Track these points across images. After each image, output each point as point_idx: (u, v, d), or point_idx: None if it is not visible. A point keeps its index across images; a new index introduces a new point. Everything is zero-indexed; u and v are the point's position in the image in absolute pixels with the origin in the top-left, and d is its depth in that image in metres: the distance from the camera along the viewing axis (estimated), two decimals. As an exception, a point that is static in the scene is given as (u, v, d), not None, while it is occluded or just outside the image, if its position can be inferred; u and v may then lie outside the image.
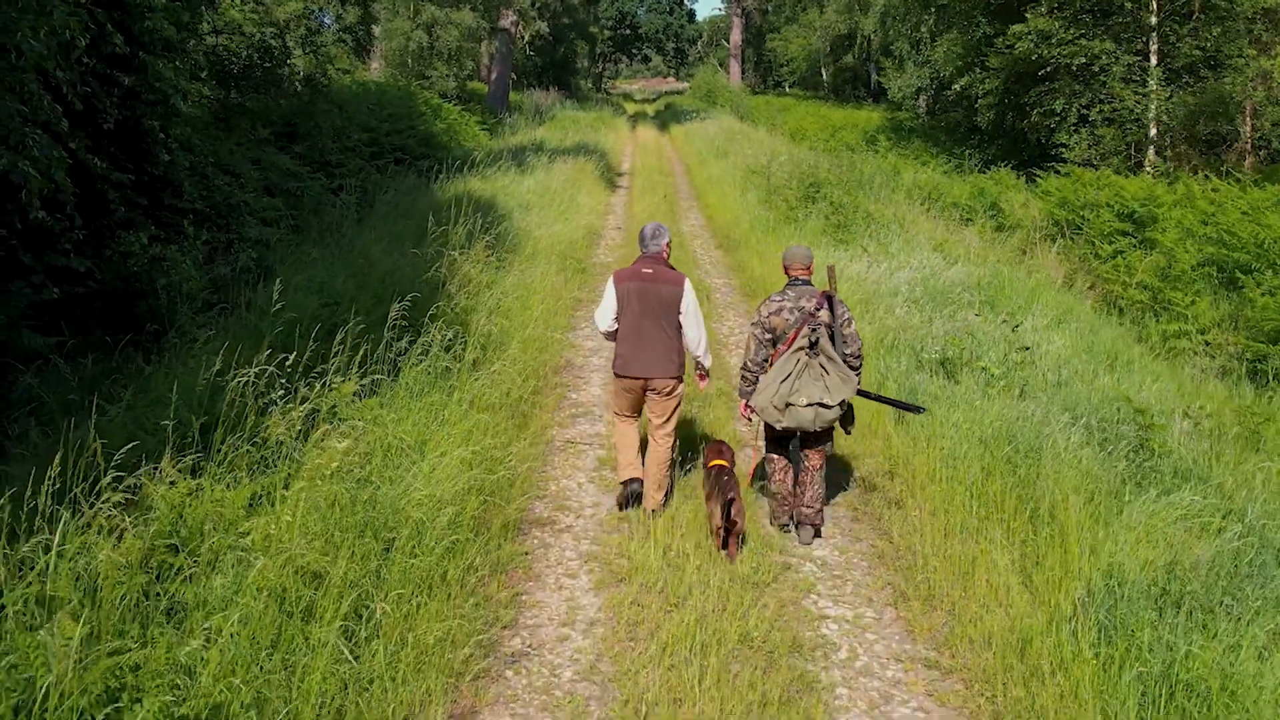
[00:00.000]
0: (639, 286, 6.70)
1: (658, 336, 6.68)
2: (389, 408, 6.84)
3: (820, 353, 6.39)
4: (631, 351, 6.74)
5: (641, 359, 6.71)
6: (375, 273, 10.14)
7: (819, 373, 6.39)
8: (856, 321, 10.47)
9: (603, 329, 6.98)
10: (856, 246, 14.34)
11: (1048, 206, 16.80)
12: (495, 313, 9.89)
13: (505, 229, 14.67)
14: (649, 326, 6.68)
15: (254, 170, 16.07)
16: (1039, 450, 7.01)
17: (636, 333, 6.72)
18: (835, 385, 6.39)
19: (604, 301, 6.91)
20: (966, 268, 12.78)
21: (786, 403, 6.37)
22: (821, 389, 6.36)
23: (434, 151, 25.29)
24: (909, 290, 11.60)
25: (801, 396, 6.36)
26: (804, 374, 6.37)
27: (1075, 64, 18.43)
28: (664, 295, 6.67)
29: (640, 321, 6.70)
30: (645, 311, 6.68)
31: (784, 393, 6.36)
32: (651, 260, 6.79)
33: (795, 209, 16.86)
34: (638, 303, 6.69)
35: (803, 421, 6.41)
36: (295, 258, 11.69)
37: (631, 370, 6.75)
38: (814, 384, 6.36)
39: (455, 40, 35.34)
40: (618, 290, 6.79)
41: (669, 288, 6.68)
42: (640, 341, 6.71)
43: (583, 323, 12.12)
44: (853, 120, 35.22)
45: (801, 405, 6.36)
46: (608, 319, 6.89)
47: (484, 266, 11.27)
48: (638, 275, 6.73)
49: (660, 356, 6.69)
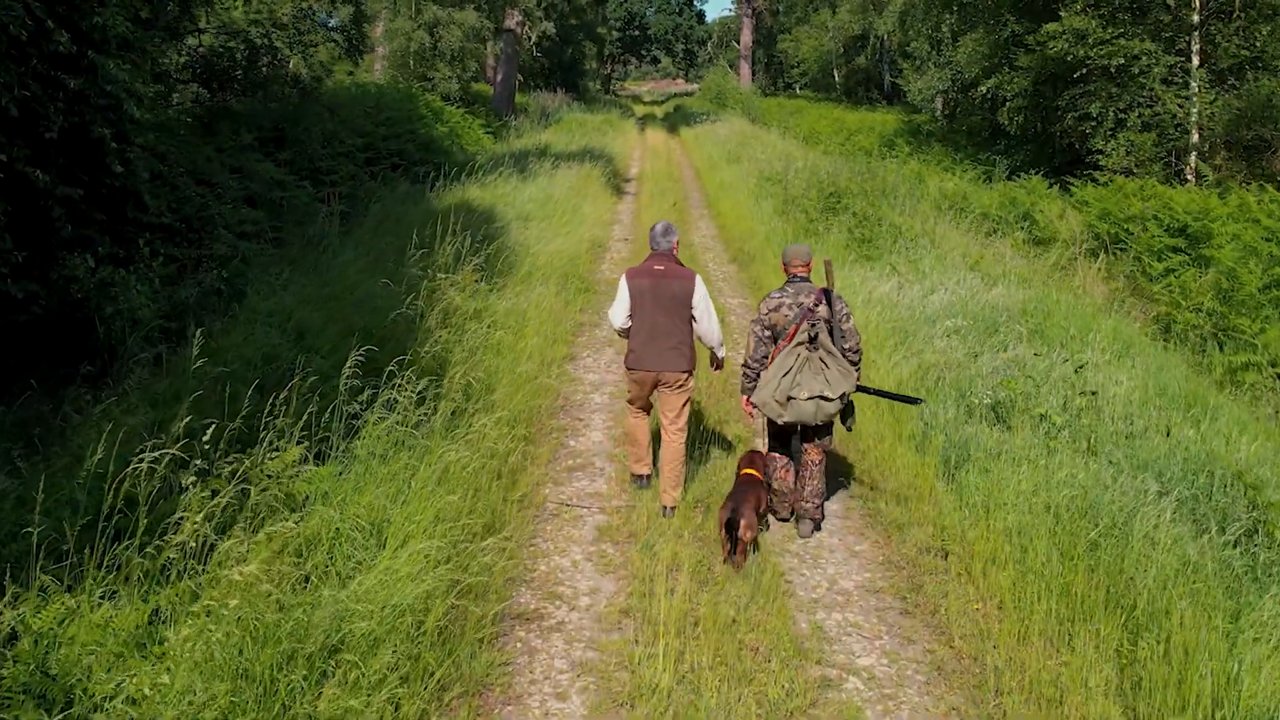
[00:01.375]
0: (651, 283, 6.85)
1: (670, 332, 6.85)
2: (343, 479, 5.67)
3: (820, 347, 6.51)
4: (644, 346, 6.90)
5: (653, 354, 6.88)
6: (347, 300, 8.98)
7: (819, 366, 6.50)
8: (892, 354, 9.34)
9: (617, 326, 7.10)
10: (884, 263, 13.16)
11: (1087, 218, 15.59)
12: (483, 348, 8.75)
13: (502, 244, 13.51)
14: (662, 322, 6.84)
15: (233, 179, 14.95)
16: (1126, 529, 5.82)
17: (649, 328, 6.86)
18: (835, 379, 6.50)
19: (618, 299, 7.03)
20: (1008, 289, 11.58)
21: (788, 396, 6.48)
22: (822, 382, 6.47)
23: (434, 156, 24.18)
24: (947, 316, 10.43)
25: (803, 390, 6.46)
26: (805, 368, 6.49)
27: (1113, 65, 17.21)
28: (675, 291, 6.82)
29: (653, 317, 6.84)
30: (658, 307, 6.83)
31: (785, 387, 6.48)
32: (663, 258, 6.95)
33: (815, 220, 15.67)
34: (650, 299, 6.83)
35: (804, 415, 6.51)
36: (267, 279, 10.54)
37: (644, 365, 6.93)
38: (814, 378, 6.48)
39: (458, 41, 34.24)
40: (630, 287, 6.92)
41: (680, 283, 6.84)
42: (653, 337, 6.86)
43: (585, 351, 10.96)
44: (868, 123, 34.00)
45: (803, 399, 6.47)
46: (621, 316, 7.01)
47: (473, 292, 10.10)
48: (650, 272, 6.89)
49: (672, 351, 6.86)
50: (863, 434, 8.15)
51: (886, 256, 13.45)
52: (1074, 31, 17.41)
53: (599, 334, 11.67)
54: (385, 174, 21.22)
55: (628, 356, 7.04)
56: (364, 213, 16.39)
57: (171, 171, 12.77)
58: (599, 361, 10.60)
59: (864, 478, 7.61)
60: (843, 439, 8.33)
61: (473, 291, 10.05)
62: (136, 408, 6.49)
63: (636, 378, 7.02)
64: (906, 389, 8.61)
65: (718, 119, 45.79)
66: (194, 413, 5.14)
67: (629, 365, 7.05)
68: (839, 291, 7.06)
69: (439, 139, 26.34)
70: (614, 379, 10.01)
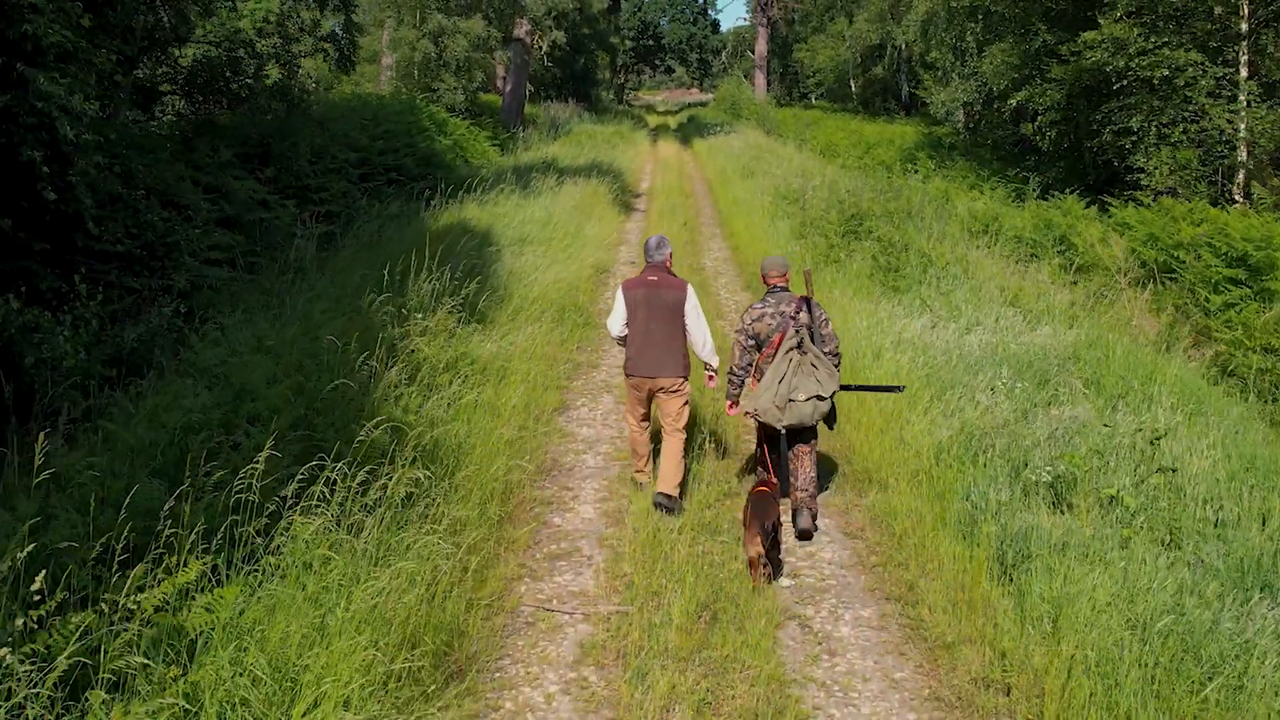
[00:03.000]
0: (645, 293, 7.26)
1: (663, 339, 7.22)
2: (251, 605, 4.50)
3: (808, 350, 6.86)
4: (639, 353, 7.28)
5: (648, 360, 7.25)
6: (303, 349, 7.81)
7: (810, 368, 6.83)
8: (929, 408, 8.18)
9: (614, 334, 7.50)
10: (912, 296, 11.95)
11: (1131, 243, 14.35)
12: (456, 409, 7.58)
13: (494, 272, 12.37)
14: (656, 330, 7.22)
15: (208, 200, 13.84)
16: (1242, 667, 4.62)
17: (644, 336, 7.24)
18: (825, 379, 6.87)
19: (614, 309, 7.43)
20: (1054, 328, 10.37)
21: (788, 399, 6.79)
22: (815, 383, 6.82)
23: (435, 171, 23.09)
24: (989, 362, 9.22)
25: (800, 392, 6.80)
26: (798, 371, 6.81)
27: (1156, 76, 15.97)
28: (668, 300, 7.22)
29: (647, 325, 7.23)
30: (652, 316, 7.22)
31: (784, 391, 6.78)
32: (656, 269, 7.36)
33: (835, 246, 14.48)
34: (645, 308, 7.23)
35: (803, 416, 6.84)
36: (221, 318, 9.41)
37: (639, 370, 7.30)
38: (808, 379, 6.82)
39: (464, 51, 33.15)
40: (626, 298, 7.32)
41: (673, 293, 7.25)
42: (647, 344, 7.23)
43: (580, 399, 9.79)
44: (887, 136, 32.78)
45: (801, 400, 6.79)
46: (618, 325, 7.42)
47: (450, 335, 8.91)
48: (644, 283, 7.31)
49: (666, 357, 7.23)
50: (898, 512, 6.96)
51: (915, 288, 12.24)
52: (1114, 41, 16.18)
53: (598, 376, 10.51)
54: (382, 190, 20.11)
55: (625, 363, 7.39)
56: (356, 233, 15.26)
57: (133, 194, 11.65)
58: (595, 412, 9.43)
59: (901, 572, 6.41)
60: (876, 518, 7.16)
61: (450, 335, 8.86)
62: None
63: (634, 384, 7.37)
64: (948, 456, 7.43)
65: (732, 130, 44.68)
66: (76, 510, 3.98)
67: (626, 371, 7.40)
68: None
69: (441, 152, 25.27)
70: (611, 433, 8.84)
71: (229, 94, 17.06)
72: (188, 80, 16.61)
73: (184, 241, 12.03)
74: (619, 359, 11.04)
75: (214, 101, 17.33)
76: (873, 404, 8.74)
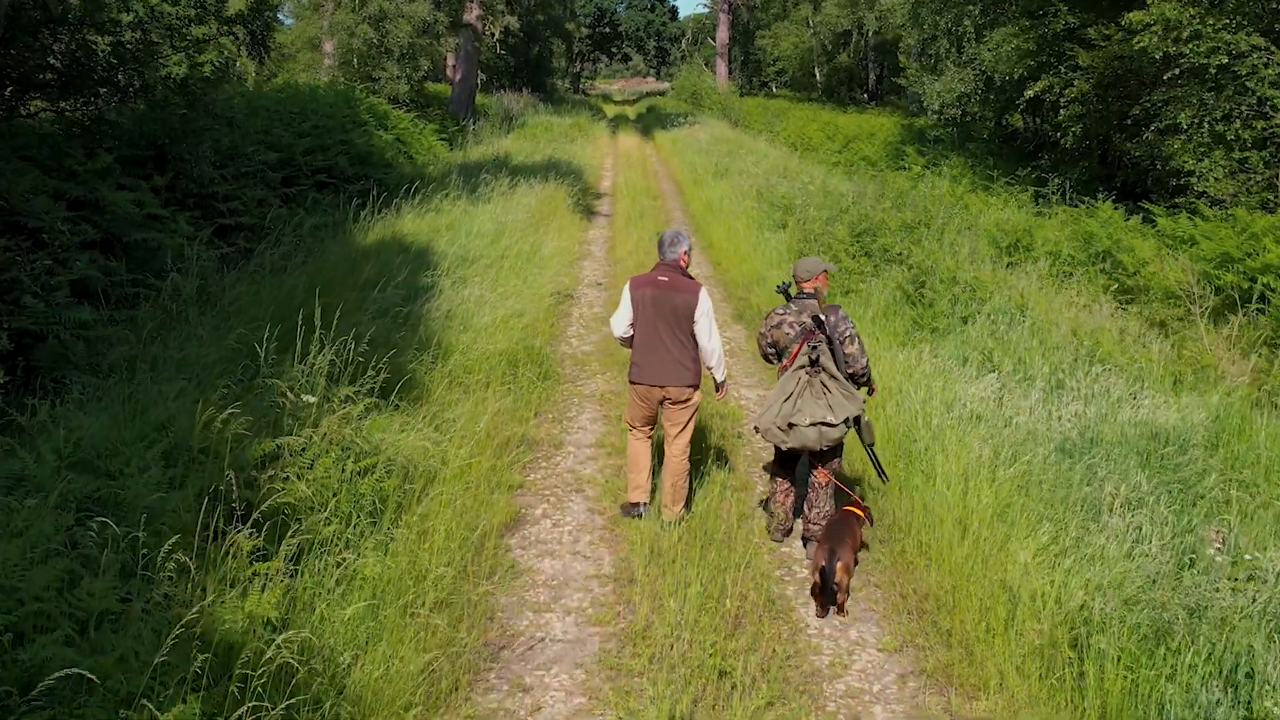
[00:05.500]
0: (654, 294, 6.61)
1: (672, 345, 6.59)
2: None
3: (821, 370, 6.21)
4: (645, 359, 6.67)
5: (655, 367, 6.62)
6: (130, 462, 5.14)
7: (820, 390, 6.21)
8: (1027, 537, 5.71)
9: (617, 334, 6.85)
10: (957, 339, 9.50)
11: (1197, 264, 11.96)
12: (343, 591, 4.95)
13: (428, 314, 9.74)
14: (664, 334, 6.59)
15: (72, 218, 11.06)
16: None
17: (651, 341, 6.62)
18: (838, 403, 6.17)
19: (620, 307, 6.77)
20: (1162, 391, 7.94)
21: (789, 422, 6.21)
22: (824, 408, 6.17)
23: (373, 171, 20.32)
24: (1096, 453, 6.78)
25: (804, 416, 6.18)
26: (805, 392, 6.22)
27: (1213, 64, 13.61)
28: (678, 304, 6.57)
29: (654, 329, 6.60)
30: (660, 319, 6.58)
31: (786, 412, 6.22)
32: (668, 268, 6.69)
33: (852, 273, 11.97)
34: (652, 310, 6.60)
35: (807, 441, 6.22)
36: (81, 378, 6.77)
37: (646, 378, 6.67)
38: (815, 402, 6.19)
39: (408, 36, 30.35)
40: (633, 297, 6.67)
41: (684, 296, 6.58)
42: (655, 349, 6.61)
43: (539, 504, 7.20)
44: (866, 128, 30.35)
45: (804, 425, 6.18)
46: (622, 325, 6.77)
47: (355, 431, 6.23)
48: (654, 282, 6.64)
49: (674, 365, 6.60)
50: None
51: (959, 329, 9.79)
52: (1164, 23, 13.79)
53: (563, 462, 7.95)
54: (311, 196, 17.32)
55: (630, 369, 6.79)
56: (257, 256, 12.55)
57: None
58: (561, 528, 6.84)
59: None
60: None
61: (356, 429, 6.20)
62: None
63: (639, 392, 6.75)
64: (1095, 630, 4.95)
65: (695, 121, 42.29)
66: None
67: (631, 379, 6.78)
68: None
69: (380, 149, 22.49)
70: (586, 568, 6.28)
71: (115, 86, 14.21)
72: (65, 71, 13.76)
73: (25, 277, 9.32)
74: (588, 435, 8.52)
75: (99, 97, 14.47)
76: (945, 514, 6.28)
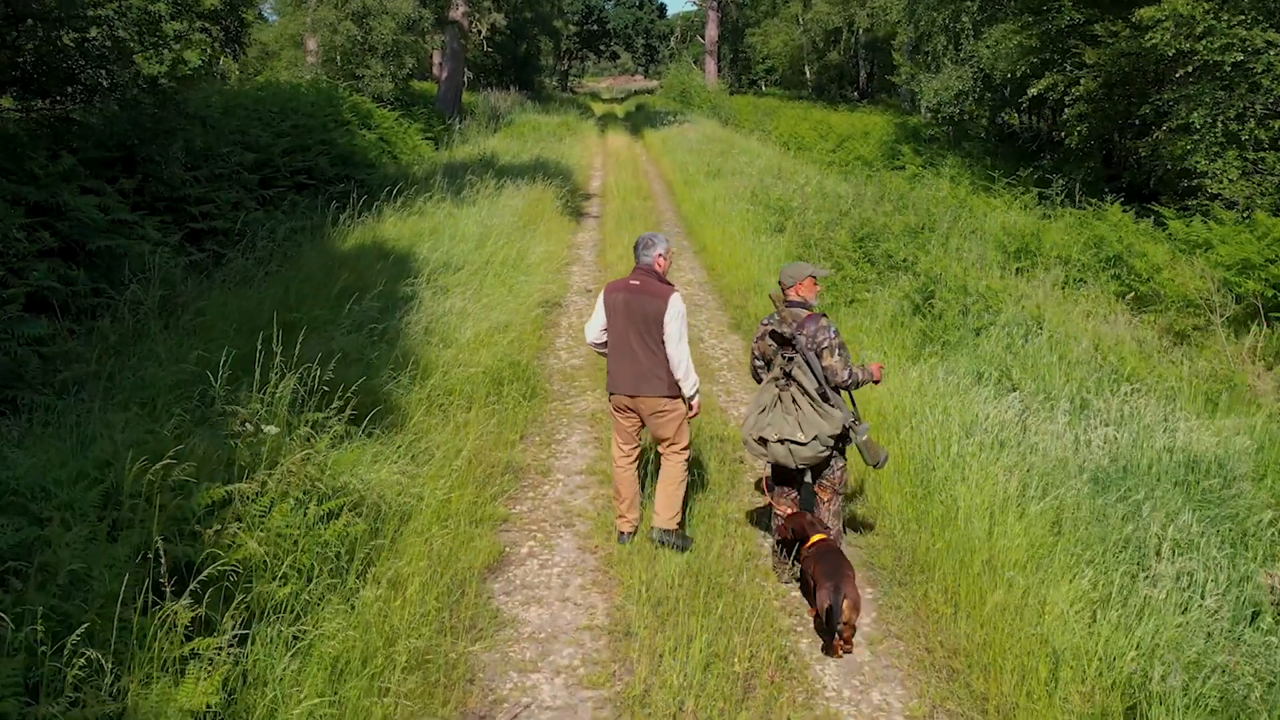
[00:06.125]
0: (625, 299, 6.23)
1: (642, 353, 6.18)
2: None
3: (793, 382, 5.81)
4: (617, 366, 6.31)
5: (625, 375, 6.25)
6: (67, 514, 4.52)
7: (790, 406, 5.82)
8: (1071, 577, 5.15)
9: (589, 340, 6.50)
10: (968, 353, 8.93)
11: (1215, 270, 11.41)
12: (299, 666, 4.33)
13: (407, 329, 9.13)
14: (634, 342, 6.20)
15: (29, 224, 10.41)
16: None
17: (621, 347, 6.26)
18: (810, 420, 5.73)
19: (595, 312, 6.42)
20: (1190, 417, 7.37)
21: (759, 437, 5.86)
22: (792, 424, 5.76)
23: (355, 172, 19.70)
24: (1132, 481, 6.21)
25: (771, 430, 5.81)
26: (775, 407, 5.88)
27: (1228, 62, 13.07)
28: (648, 310, 6.15)
29: (625, 336, 6.23)
30: (630, 326, 6.21)
31: (759, 426, 5.90)
32: (642, 272, 6.31)
33: (855, 280, 11.38)
34: (623, 316, 6.23)
35: (779, 458, 5.85)
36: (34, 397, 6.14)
37: (617, 386, 6.32)
38: (784, 418, 5.81)
39: (392, 33, 29.68)
40: (606, 302, 6.34)
41: (653, 302, 6.15)
42: (624, 356, 6.25)
43: (526, 541, 6.60)
44: (860, 127, 29.77)
45: (773, 439, 5.81)
46: (594, 330, 6.43)
47: (320, 470, 5.61)
48: (626, 287, 6.28)
49: (646, 374, 6.19)
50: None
51: (971, 341, 9.22)
52: (1177, 18, 13.23)
53: (552, 491, 7.35)
54: (290, 198, 16.65)
55: (607, 379, 6.43)
56: (230, 263, 11.92)
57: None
58: (550, 569, 6.23)
59: None
60: None
61: (322, 469, 5.59)
62: None
63: (614, 403, 6.42)
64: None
65: (685, 120, 41.71)
66: None
67: (608, 388, 6.44)
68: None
69: (363, 149, 21.86)
70: (577, 615, 5.69)
71: (83, 85, 13.54)
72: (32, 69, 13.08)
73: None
74: (577, 460, 7.93)
75: (67, 96, 13.79)
76: (971, 554, 5.72)
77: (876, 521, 6.79)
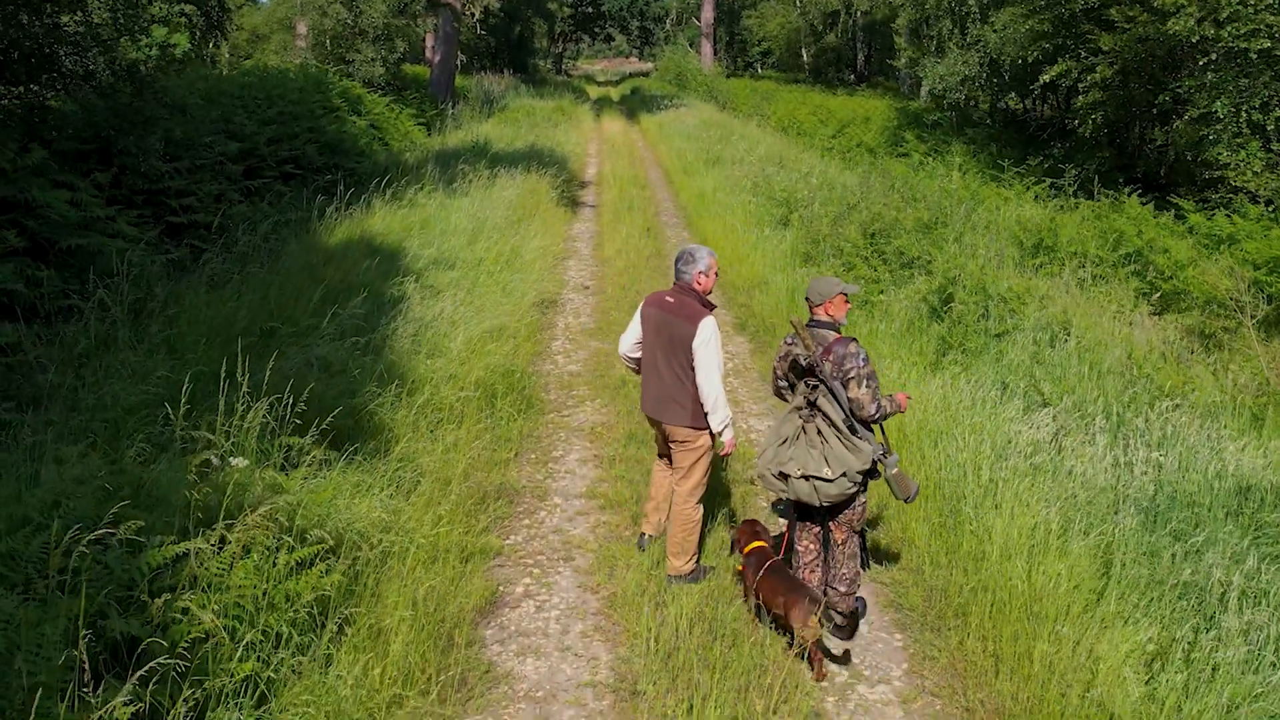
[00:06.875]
0: (658, 316, 5.82)
1: (668, 377, 5.77)
2: None
3: (819, 413, 5.22)
4: (646, 386, 5.96)
5: (650, 395, 5.90)
6: None
7: (815, 438, 5.22)
8: (1116, 660, 4.61)
9: (621, 351, 6.15)
10: (990, 363, 8.39)
11: (1243, 267, 10.88)
12: None
13: (393, 336, 8.57)
14: (660, 363, 5.81)
15: (-4, 222, 9.82)
16: None
17: (649, 366, 5.91)
18: (837, 455, 5.15)
19: (631, 324, 6.07)
20: (1237, 436, 6.85)
21: (781, 471, 5.27)
22: (817, 459, 5.18)
23: (345, 161, 19.07)
24: (1182, 513, 5.69)
25: (794, 465, 5.23)
26: (799, 439, 5.27)
27: (1254, 49, 12.51)
28: (676, 332, 5.70)
29: (653, 354, 5.87)
30: (659, 344, 5.81)
31: (780, 459, 5.29)
32: (680, 290, 5.80)
33: (870, 283, 10.81)
34: (653, 333, 5.85)
35: (802, 495, 5.25)
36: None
37: (644, 405, 6.01)
38: (809, 451, 5.22)
39: (383, 17, 29.02)
40: (643, 314, 5.95)
41: (684, 325, 5.67)
42: (652, 376, 5.88)
43: (520, 578, 6.05)
44: (860, 112, 29.12)
45: (795, 475, 5.22)
46: (628, 343, 6.08)
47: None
48: (661, 303, 5.85)
49: (668, 399, 5.79)
50: None
51: (993, 348, 8.68)
52: (1200, 4, 12.65)
53: (549, 519, 6.80)
54: (276, 189, 16.06)
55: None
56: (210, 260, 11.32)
57: None
58: (548, 612, 5.67)
59: None
60: None
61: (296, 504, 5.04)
62: None
63: (648, 421, 6.07)
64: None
65: (681, 104, 41.06)
66: None
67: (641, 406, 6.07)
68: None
69: (353, 136, 21.20)
70: (577, 668, 5.15)
71: (57, 72, 12.92)
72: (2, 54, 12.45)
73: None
74: (576, 482, 7.39)
75: (40, 84, 13.16)
76: (1010, 598, 5.20)
77: (902, 553, 6.26)
